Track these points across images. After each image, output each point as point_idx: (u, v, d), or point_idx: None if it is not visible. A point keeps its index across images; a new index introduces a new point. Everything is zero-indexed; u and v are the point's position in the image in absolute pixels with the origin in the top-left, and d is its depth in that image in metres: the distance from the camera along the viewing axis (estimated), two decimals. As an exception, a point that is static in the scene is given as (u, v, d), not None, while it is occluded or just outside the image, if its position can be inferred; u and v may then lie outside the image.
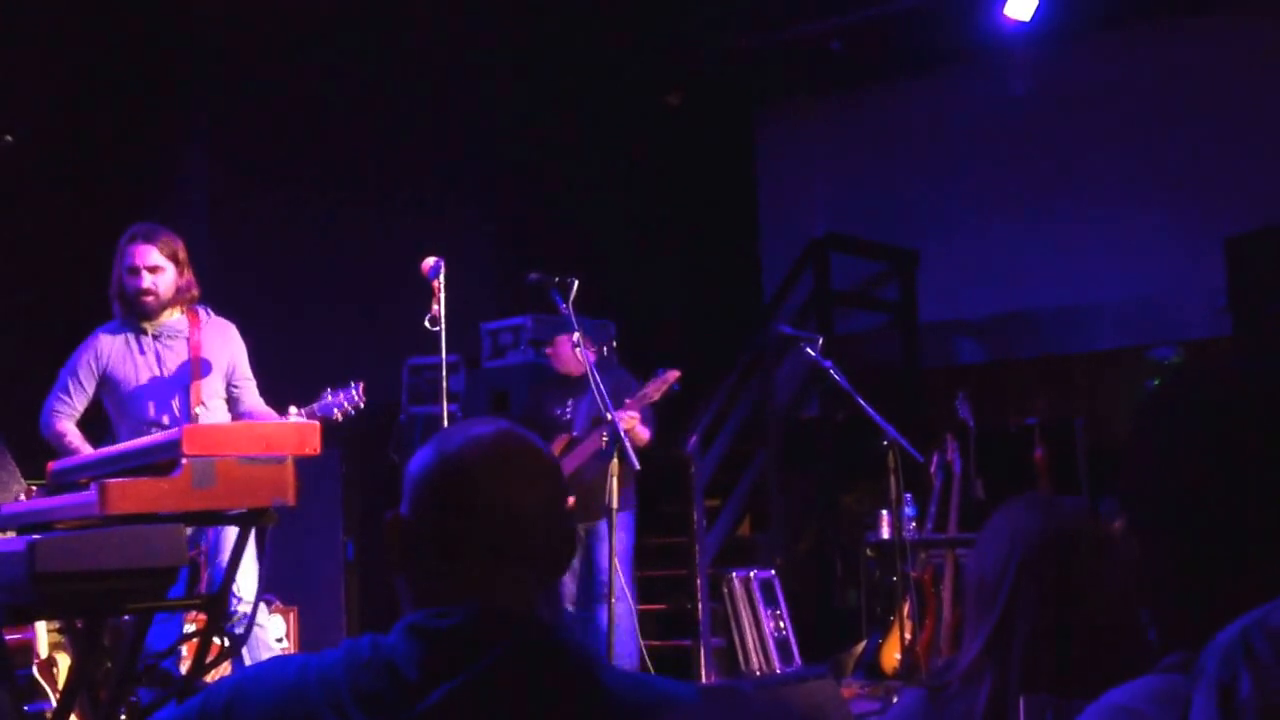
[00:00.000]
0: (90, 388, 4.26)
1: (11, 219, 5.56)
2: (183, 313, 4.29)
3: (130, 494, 3.16)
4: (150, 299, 4.20)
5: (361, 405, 4.12)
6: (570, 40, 7.71)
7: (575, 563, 5.25)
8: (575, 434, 5.40)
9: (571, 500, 4.55)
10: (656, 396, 5.12)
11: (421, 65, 7.11)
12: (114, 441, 4.19)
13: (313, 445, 3.41)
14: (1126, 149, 7.99)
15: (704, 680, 6.28)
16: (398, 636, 1.34)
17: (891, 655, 6.29)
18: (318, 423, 3.51)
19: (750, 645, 6.59)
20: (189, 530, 3.30)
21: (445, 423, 4.55)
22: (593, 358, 4.88)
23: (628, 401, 5.11)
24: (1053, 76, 8.06)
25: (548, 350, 5.72)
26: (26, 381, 5.26)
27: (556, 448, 5.24)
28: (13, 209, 5.60)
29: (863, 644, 6.65)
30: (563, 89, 7.82)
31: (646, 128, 8.36)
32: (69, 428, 4.24)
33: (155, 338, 4.25)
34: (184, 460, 3.20)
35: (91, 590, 3.06)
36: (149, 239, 4.20)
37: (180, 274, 4.24)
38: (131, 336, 4.26)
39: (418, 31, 7.06)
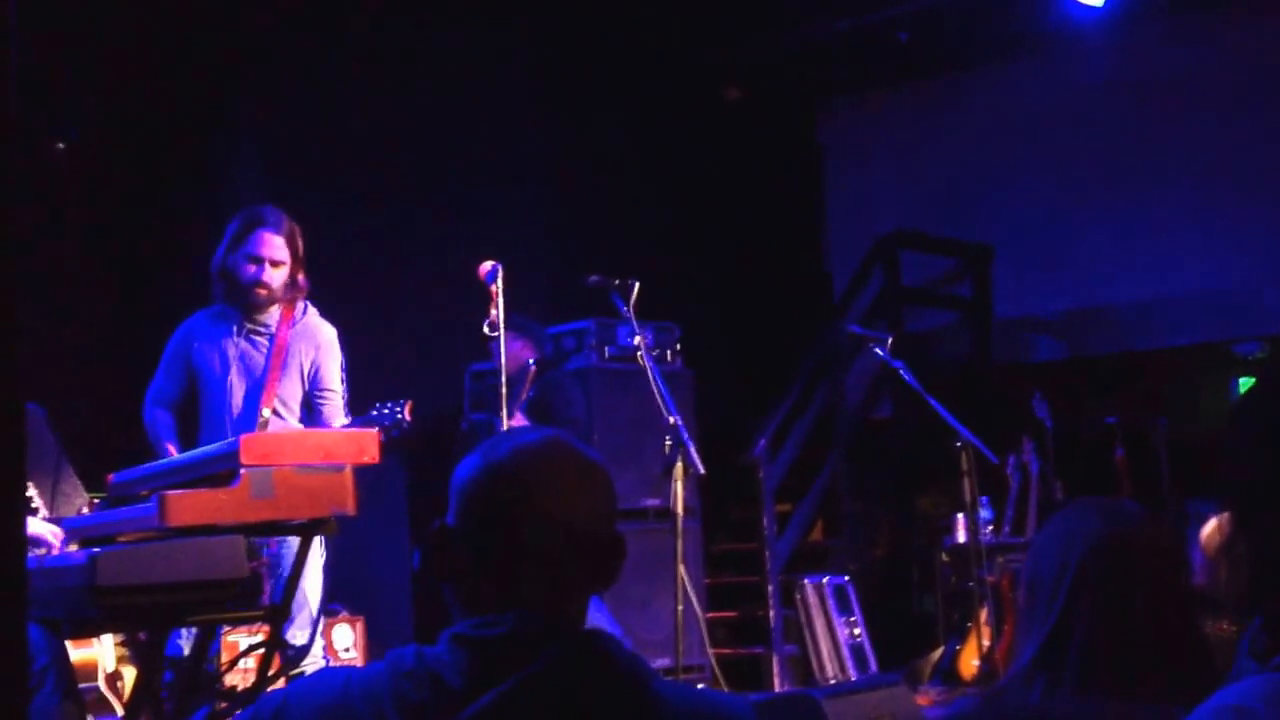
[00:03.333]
0: (181, 375, 4.05)
1: (66, 225, 5.60)
2: (280, 307, 3.99)
3: (190, 506, 3.15)
4: (264, 292, 3.92)
5: (406, 425, 3.70)
6: (627, 35, 7.62)
7: None
8: None
9: None
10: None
11: (477, 67, 7.07)
12: (197, 436, 4.03)
13: (371, 454, 3.36)
14: (1204, 136, 7.74)
15: (777, 688, 6.16)
16: (443, 647, 1.33)
17: (969, 662, 6.14)
18: (376, 431, 3.43)
19: (824, 653, 6.48)
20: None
21: (506, 429, 4.48)
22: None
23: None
24: (1126, 63, 7.83)
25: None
26: (88, 392, 5.30)
27: None
28: (68, 215, 5.64)
29: (940, 650, 6.50)
30: (620, 85, 7.74)
31: (707, 124, 8.25)
32: (159, 415, 4.04)
33: (251, 331, 3.99)
34: (242, 470, 3.18)
35: (153, 603, 3.07)
36: (278, 228, 3.87)
37: (297, 270, 3.95)
38: (224, 325, 4.02)
39: (472, 33, 7.02)
